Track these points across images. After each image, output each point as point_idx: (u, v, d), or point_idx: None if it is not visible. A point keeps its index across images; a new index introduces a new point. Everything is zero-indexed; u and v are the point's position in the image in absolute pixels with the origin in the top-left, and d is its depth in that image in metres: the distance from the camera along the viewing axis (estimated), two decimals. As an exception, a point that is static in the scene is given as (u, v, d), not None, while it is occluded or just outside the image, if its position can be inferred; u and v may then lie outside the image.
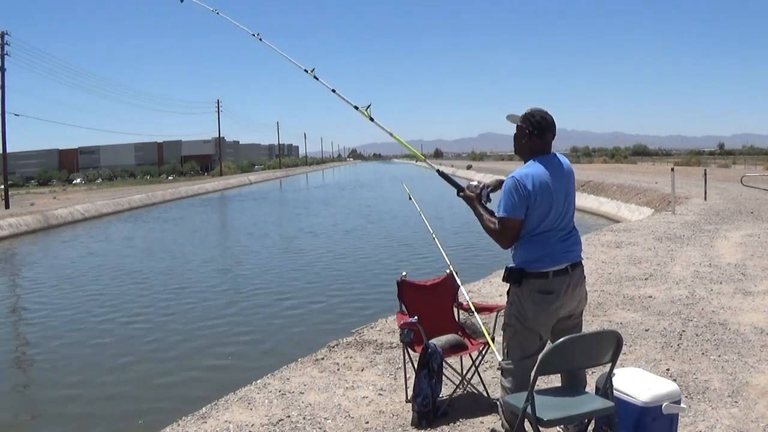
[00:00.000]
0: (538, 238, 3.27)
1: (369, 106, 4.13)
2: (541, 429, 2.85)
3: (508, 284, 3.37)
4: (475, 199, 3.47)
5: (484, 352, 4.41)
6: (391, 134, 4.29)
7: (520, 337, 3.32)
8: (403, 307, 4.54)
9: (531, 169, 3.27)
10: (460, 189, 3.61)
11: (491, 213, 3.40)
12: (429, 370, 4.07)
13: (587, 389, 3.38)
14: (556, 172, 3.31)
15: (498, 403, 3.55)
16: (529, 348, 3.31)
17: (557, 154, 3.42)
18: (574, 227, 3.42)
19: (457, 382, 4.49)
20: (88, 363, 8.47)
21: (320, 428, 4.12)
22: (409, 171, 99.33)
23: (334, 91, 4.36)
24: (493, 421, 4.05)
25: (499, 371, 3.48)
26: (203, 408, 4.70)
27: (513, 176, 3.27)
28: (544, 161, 3.32)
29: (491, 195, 3.54)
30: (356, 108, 4.14)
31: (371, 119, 4.10)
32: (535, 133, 3.32)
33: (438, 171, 3.88)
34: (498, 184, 3.54)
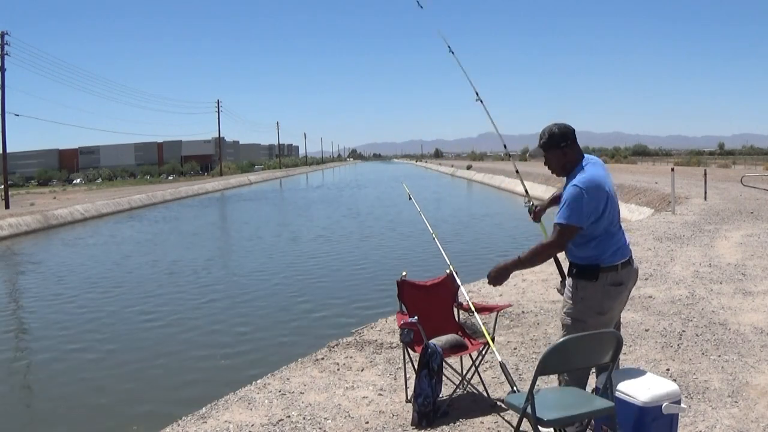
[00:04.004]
0: (611, 234, 3.36)
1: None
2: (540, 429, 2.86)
3: (572, 280, 3.38)
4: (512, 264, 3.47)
5: (484, 352, 4.41)
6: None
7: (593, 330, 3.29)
8: (403, 307, 4.54)
9: (589, 175, 3.29)
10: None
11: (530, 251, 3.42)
12: (429, 370, 4.07)
13: (587, 389, 3.38)
14: (605, 171, 3.42)
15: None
16: None
17: (591, 156, 3.49)
18: None
19: (457, 382, 4.50)
20: (86, 363, 8.47)
21: (320, 428, 4.12)
22: (408, 171, 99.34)
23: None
24: (494, 421, 4.06)
25: None
26: (203, 408, 4.71)
27: (577, 185, 3.26)
28: (592, 162, 3.39)
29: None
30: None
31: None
32: (569, 144, 3.37)
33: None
34: (553, 202, 3.68)
